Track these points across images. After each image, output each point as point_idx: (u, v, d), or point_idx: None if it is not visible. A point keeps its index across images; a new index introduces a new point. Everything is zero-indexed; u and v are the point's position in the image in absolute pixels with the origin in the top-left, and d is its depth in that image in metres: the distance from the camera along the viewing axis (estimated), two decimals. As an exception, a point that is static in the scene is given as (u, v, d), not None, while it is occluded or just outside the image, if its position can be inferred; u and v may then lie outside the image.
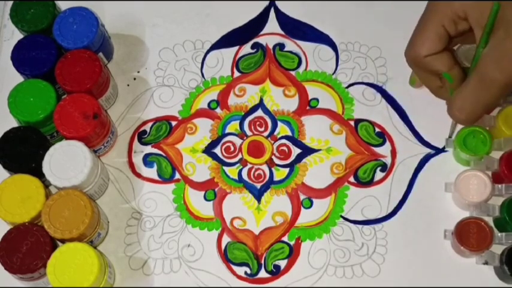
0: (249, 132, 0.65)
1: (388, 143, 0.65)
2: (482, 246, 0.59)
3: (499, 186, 0.60)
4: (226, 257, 0.61)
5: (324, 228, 0.62)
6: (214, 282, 0.61)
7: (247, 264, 0.61)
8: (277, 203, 0.63)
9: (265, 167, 0.64)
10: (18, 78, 0.64)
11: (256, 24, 0.69)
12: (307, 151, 0.65)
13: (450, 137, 0.63)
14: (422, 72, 0.59)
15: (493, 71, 0.53)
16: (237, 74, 0.68)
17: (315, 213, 0.63)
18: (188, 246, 0.62)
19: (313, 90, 0.67)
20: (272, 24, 0.69)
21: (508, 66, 0.52)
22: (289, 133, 0.65)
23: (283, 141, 0.65)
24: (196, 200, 0.63)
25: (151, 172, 0.64)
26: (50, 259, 0.56)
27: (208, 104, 0.67)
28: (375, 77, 0.67)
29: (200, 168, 0.64)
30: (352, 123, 0.65)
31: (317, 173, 0.64)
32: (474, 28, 0.55)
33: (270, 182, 0.64)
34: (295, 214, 0.63)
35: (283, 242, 0.62)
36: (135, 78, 0.68)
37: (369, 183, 0.63)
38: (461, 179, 0.61)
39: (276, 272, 0.61)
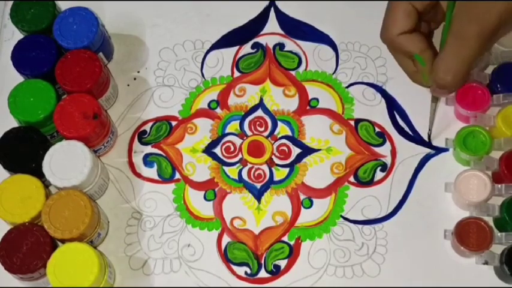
0: (249, 132, 0.65)
1: (388, 143, 0.65)
2: (482, 246, 0.59)
3: (499, 186, 0.60)
4: (226, 257, 0.61)
5: (324, 228, 0.62)
6: (214, 282, 0.61)
7: (247, 264, 0.61)
8: (277, 203, 0.63)
9: (265, 167, 0.64)
10: (19, 78, 0.64)
11: (256, 24, 0.69)
12: (307, 151, 0.65)
13: (430, 130, 0.63)
14: (397, 54, 0.59)
15: (466, 24, 0.53)
16: (237, 73, 0.68)
17: (315, 213, 0.63)
18: (188, 246, 0.62)
19: (313, 90, 0.67)
20: (272, 24, 0.69)
21: (478, 14, 0.53)
22: (289, 133, 0.65)
23: (283, 141, 0.65)
24: (196, 200, 0.63)
25: (152, 172, 0.64)
26: (50, 259, 0.56)
27: (209, 104, 0.67)
28: (375, 76, 0.67)
29: (200, 168, 0.64)
30: (352, 123, 0.65)
31: (317, 172, 0.64)
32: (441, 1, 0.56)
33: (270, 182, 0.64)
34: (295, 214, 0.63)
35: (283, 242, 0.62)
36: (135, 78, 0.68)
37: (369, 183, 0.63)
38: (461, 179, 0.61)
39: (276, 272, 0.61)
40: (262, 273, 0.61)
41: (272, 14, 0.69)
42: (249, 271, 0.61)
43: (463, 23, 0.53)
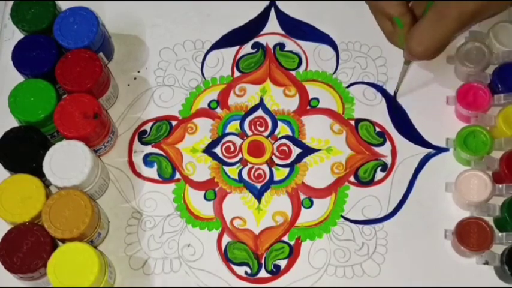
0: (249, 132, 0.65)
1: (388, 143, 0.65)
2: (482, 246, 0.59)
3: (500, 186, 0.60)
4: (226, 256, 0.61)
5: (324, 228, 0.62)
6: (214, 282, 0.61)
7: (247, 264, 0.61)
8: (278, 203, 0.63)
9: (265, 167, 0.64)
10: (19, 78, 0.64)
11: (256, 24, 0.69)
12: (307, 151, 0.65)
13: (397, 88, 0.65)
14: (377, 14, 0.60)
15: (447, 4, 0.55)
16: (237, 73, 0.68)
17: (315, 213, 0.63)
18: (188, 246, 0.62)
19: (313, 90, 0.67)
20: (272, 24, 0.69)
21: None
22: (289, 133, 0.65)
23: (284, 141, 0.65)
24: (196, 199, 0.63)
25: (152, 172, 0.64)
26: (50, 259, 0.56)
27: (209, 104, 0.67)
28: (376, 76, 0.67)
29: (200, 168, 0.64)
30: (352, 122, 0.65)
31: (317, 172, 0.64)
32: None
33: (270, 182, 0.64)
34: (296, 214, 0.63)
35: (284, 241, 0.62)
36: (135, 78, 0.68)
37: (369, 183, 0.63)
38: (462, 178, 0.61)
39: (276, 272, 0.61)
40: (263, 273, 0.61)
41: (272, 14, 0.69)
42: (249, 271, 0.61)
43: (445, 3, 0.55)
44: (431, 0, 0.56)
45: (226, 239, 0.62)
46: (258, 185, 0.64)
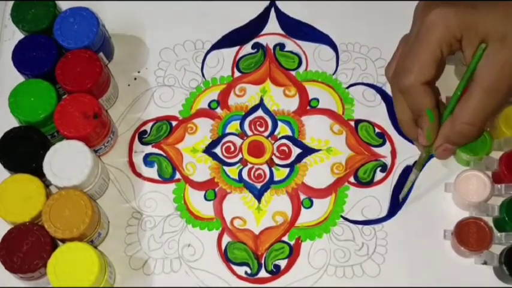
0: (249, 132, 0.65)
1: (388, 144, 0.65)
2: (481, 246, 0.59)
3: (499, 186, 0.60)
4: (226, 256, 0.61)
5: (324, 228, 0.62)
6: (214, 282, 0.61)
7: (247, 264, 0.61)
8: (278, 203, 0.63)
9: (265, 167, 0.64)
10: (19, 78, 0.64)
11: (256, 24, 0.69)
12: (307, 151, 0.65)
13: (403, 197, 0.62)
14: (403, 102, 0.55)
15: (496, 79, 0.52)
16: (237, 74, 0.68)
17: (315, 213, 0.63)
18: (188, 246, 0.62)
19: (313, 90, 0.67)
20: (272, 24, 0.69)
21: (509, 72, 0.52)
22: (289, 133, 0.65)
23: (284, 141, 0.65)
24: (196, 199, 0.63)
25: (152, 172, 0.64)
26: (50, 259, 0.56)
27: (209, 104, 0.67)
28: (375, 77, 0.67)
29: (200, 168, 0.64)
30: (352, 123, 0.65)
31: (317, 173, 0.64)
32: (465, 48, 0.53)
33: (270, 182, 0.64)
34: (296, 214, 0.63)
35: (284, 241, 0.62)
36: (135, 78, 0.68)
37: (369, 183, 0.63)
38: (461, 179, 0.61)
39: (276, 272, 0.61)
40: (263, 273, 0.61)
41: (272, 14, 0.69)
42: (249, 271, 0.61)
43: (494, 77, 0.52)
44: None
45: (226, 239, 0.62)
46: (258, 185, 0.64)
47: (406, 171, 0.63)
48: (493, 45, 0.52)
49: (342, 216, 0.62)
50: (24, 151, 0.61)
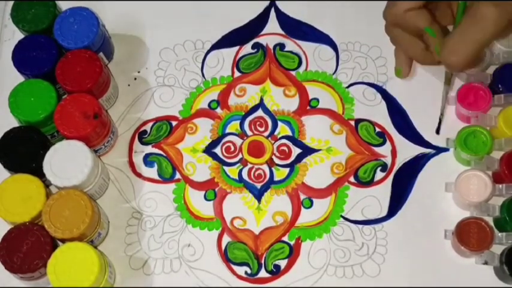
0: (249, 132, 0.65)
1: (388, 143, 0.65)
2: (482, 246, 0.59)
3: (500, 186, 0.60)
4: (226, 256, 0.61)
5: (324, 228, 0.62)
6: (214, 282, 0.61)
7: (247, 264, 0.61)
8: (278, 203, 0.63)
9: (265, 167, 0.64)
10: (19, 78, 0.64)
11: (256, 24, 0.69)
12: (307, 151, 0.65)
13: (442, 115, 0.62)
14: (403, 34, 0.58)
15: (486, 6, 0.52)
16: (237, 74, 0.68)
17: (315, 213, 0.63)
18: (188, 246, 0.62)
19: (313, 90, 0.67)
20: (272, 24, 0.69)
21: None
22: (289, 133, 0.65)
23: (284, 141, 0.65)
24: (196, 199, 0.63)
25: (152, 172, 0.64)
26: (50, 259, 0.56)
27: (209, 104, 0.67)
28: (375, 76, 0.67)
29: (200, 168, 0.64)
30: (352, 123, 0.65)
31: (317, 173, 0.64)
32: None
33: (270, 182, 0.64)
34: (296, 214, 0.63)
35: (284, 241, 0.62)
36: (135, 78, 0.68)
37: (369, 183, 0.63)
38: (462, 179, 0.61)
39: (276, 272, 0.61)
40: (263, 273, 0.61)
41: (272, 14, 0.69)
42: (249, 271, 0.61)
43: (483, 4, 0.52)
44: (464, 0, 0.53)
45: (226, 239, 0.62)
46: (258, 185, 0.64)
47: (404, 170, 0.63)
48: None
49: (342, 216, 0.62)
50: (24, 151, 0.61)
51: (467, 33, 0.53)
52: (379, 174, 0.63)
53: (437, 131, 0.64)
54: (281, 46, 0.68)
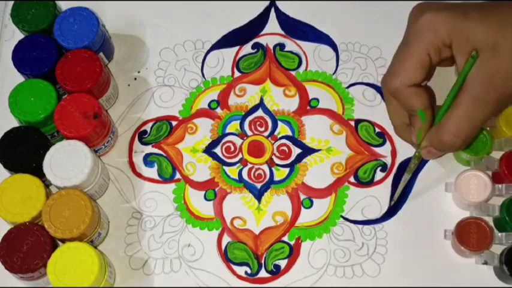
0: (249, 132, 0.65)
1: (388, 143, 0.65)
2: (482, 246, 0.59)
3: (499, 186, 0.60)
4: (226, 256, 0.61)
5: (324, 228, 0.62)
6: (214, 282, 0.61)
7: (247, 264, 0.61)
8: (278, 203, 0.63)
9: (265, 167, 0.64)
10: (19, 78, 0.64)
11: (256, 24, 0.69)
12: (307, 151, 0.65)
13: (394, 200, 0.61)
14: (394, 105, 0.58)
15: (485, 90, 0.52)
16: (237, 74, 0.68)
17: (315, 213, 0.63)
18: (188, 246, 0.62)
19: (313, 90, 0.67)
20: (272, 24, 0.69)
21: (499, 83, 0.52)
22: (289, 133, 0.65)
23: (284, 141, 0.65)
24: (196, 199, 0.63)
25: (152, 172, 0.64)
26: (50, 259, 0.56)
27: (209, 104, 0.67)
28: (375, 77, 0.67)
29: (200, 168, 0.64)
30: (352, 123, 0.65)
31: (317, 173, 0.64)
32: (456, 55, 0.54)
33: (270, 182, 0.64)
34: (296, 214, 0.63)
35: (284, 241, 0.62)
36: (135, 78, 0.68)
37: (369, 183, 0.63)
38: (462, 179, 0.61)
39: (276, 272, 0.61)
40: (263, 273, 0.61)
41: (272, 14, 0.69)
42: (249, 271, 0.61)
43: (482, 88, 0.52)
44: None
45: (226, 239, 0.62)
46: (258, 185, 0.64)
47: (404, 170, 0.63)
48: (484, 54, 0.52)
49: (342, 216, 0.62)
50: (24, 151, 0.61)
51: (470, 116, 0.53)
52: (379, 175, 0.64)
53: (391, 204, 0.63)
54: (281, 46, 0.68)
